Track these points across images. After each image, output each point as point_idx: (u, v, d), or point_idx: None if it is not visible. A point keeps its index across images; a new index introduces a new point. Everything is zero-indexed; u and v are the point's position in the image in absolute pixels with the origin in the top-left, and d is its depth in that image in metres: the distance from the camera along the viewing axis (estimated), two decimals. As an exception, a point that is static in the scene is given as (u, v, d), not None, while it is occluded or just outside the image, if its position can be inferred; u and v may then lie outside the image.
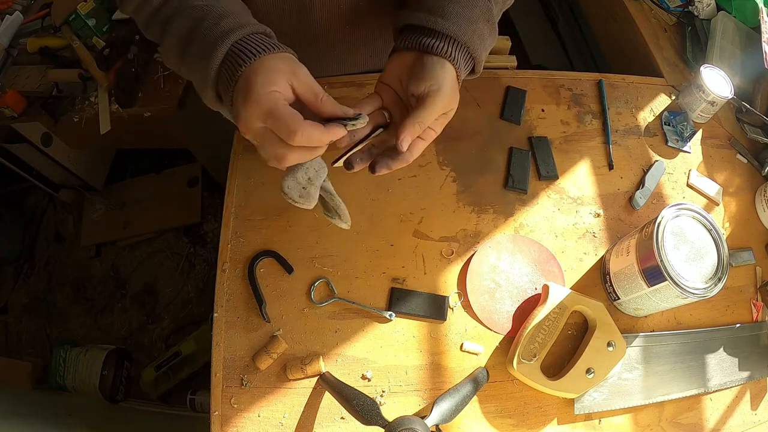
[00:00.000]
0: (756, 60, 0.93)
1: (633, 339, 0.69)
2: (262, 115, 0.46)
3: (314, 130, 0.46)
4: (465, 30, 0.54)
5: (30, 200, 1.81)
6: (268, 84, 0.46)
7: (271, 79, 0.46)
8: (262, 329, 0.66)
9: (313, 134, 0.45)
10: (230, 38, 0.49)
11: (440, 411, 0.57)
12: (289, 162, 0.47)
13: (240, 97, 0.47)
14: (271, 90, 0.46)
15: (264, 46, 0.49)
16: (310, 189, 0.52)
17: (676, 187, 0.83)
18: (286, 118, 0.45)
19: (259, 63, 0.48)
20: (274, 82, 0.46)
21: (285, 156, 0.47)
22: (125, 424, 1.40)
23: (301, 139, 0.45)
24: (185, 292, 1.64)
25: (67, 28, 1.27)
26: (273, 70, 0.47)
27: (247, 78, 0.47)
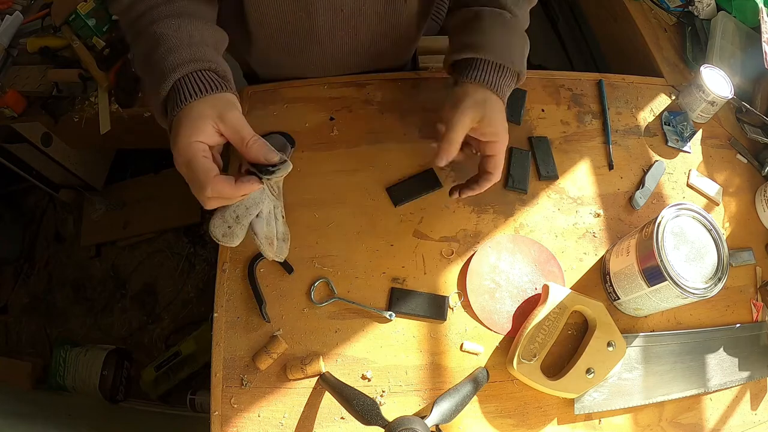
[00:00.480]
0: (756, 60, 0.93)
1: (633, 339, 0.69)
2: (183, 164, 0.49)
3: (224, 186, 0.48)
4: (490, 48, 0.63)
5: (30, 200, 1.81)
6: (191, 134, 0.49)
7: (195, 128, 0.49)
8: (262, 329, 0.66)
9: (223, 190, 0.48)
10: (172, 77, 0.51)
11: (440, 411, 0.57)
12: (210, 207, 0.50)
13: (171, 139, 0.50)
14: (192, 141, 0.49)
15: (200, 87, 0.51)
16: (235, 228, 0.53)
17: (676, 187, 0.83)
18: (198, 173, 0.48)
19: (187, 110, 0.50)
20: (197, 131, 0.49)
21: (204, 202, 0.49)
22: (125, 424, 1.40)
23: (210, 194, 0.48)
24: (185, 292, 1.64)
25: (67, 28, 1.27)
26: (199, 117, 0.49)
27: (177, 123, 0.50)
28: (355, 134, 0.79)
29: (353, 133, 0.79)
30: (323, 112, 0.80)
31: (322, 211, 0.73)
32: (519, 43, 0.65)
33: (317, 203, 0.74)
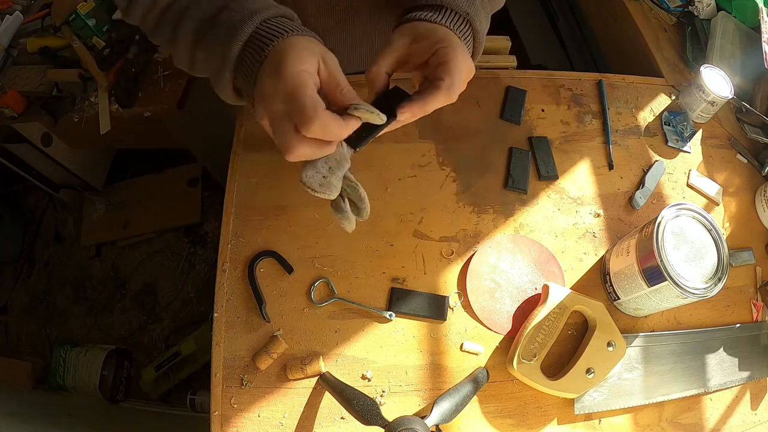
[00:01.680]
0: (756, 60, 0.93)
1: (633, 339, 0.69)
2: (286, 95, 0.43)
3: (333, 121, 0.43)
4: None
5: (30, 200, 1.81)
6: (300, 62, 0.44)
7: (303, 57, 0.44)
8: (262, 329, 0.66)
9: (331, 125, 0.43)
10: (257, 17, 0.46)
11: (440, 411, 0.57)
12: (295, 156, 0.44)
13: (268, 72, 0.45)
14: (302, 69, 0.43)
15: (293, 28, 0.47)
16: (331, 179, 0.49)
17: (676, 187, 0.83)
18: (306, 105, 0.42)
19: (291, 41, 0.45)
20: (306, 61, 0.44)
21: (293, 149, 0.44)
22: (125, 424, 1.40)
23: (317, 130, 0.42)
24: (185, 292, 1.64)
25: (67, 28, 1.26)
26: (305, 48, 0.45)
27: (279, 53, 0.44)
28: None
29: (353, 133, 0.79)
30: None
31: (322, 211, 0.73)
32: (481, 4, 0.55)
33: (317, 203, 0.74)
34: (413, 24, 0.51)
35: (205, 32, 0.49)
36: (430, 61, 0.49)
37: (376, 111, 0.45)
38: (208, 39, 0.49)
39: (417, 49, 0.50)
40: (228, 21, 0.47)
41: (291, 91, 0.43)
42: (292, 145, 0.43)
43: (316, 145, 0.44)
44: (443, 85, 0.47)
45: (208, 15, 0.49)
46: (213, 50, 0.49)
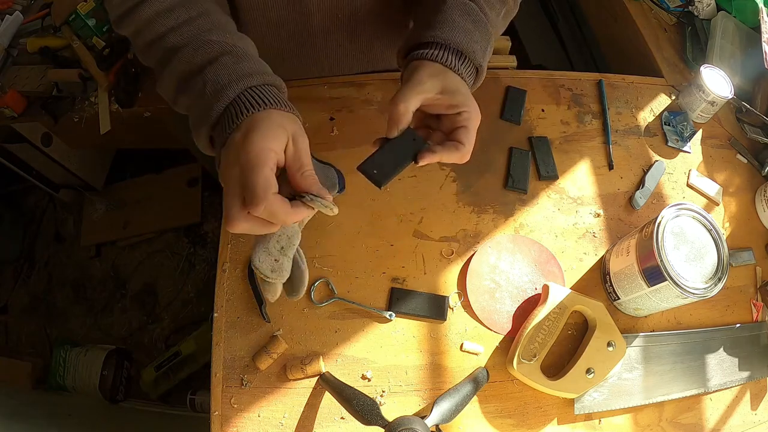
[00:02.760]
0: (756, 60, 0.93)
1: (633, 339, 0.69)
2: (243, 169, 0.43)
3: (280, 207, 0.43)
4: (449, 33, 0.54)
5: (30, 200, 1.81)
6: (267, 138, 0.44)
7: (272, 134, 0.44)
8: (262, 329, 0.66)
9: (278, 210, 0.43)
10: (244, 83, 0.47)
11: (440, 411, 0.57)
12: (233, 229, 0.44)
13: (236, 141, 0.45)
14: (267, 146, 0.44)
15: (276, 100, 0.47)
16: (282, 261, 0.48)
17: (676, 187, 0.83)
18: (258, 186, 0.42)
19: (266, 114, 0.46)
20: (274, 138, 0.44)
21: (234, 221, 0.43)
22: (125, 424, 1.40)
23: (262, 212, 0.42)
24: (185, 292, 1.64)
25: (67, 28, 1.27)
26: (279, 125, 0.45)
27: (251, 124, 0.45)
28: (355, 134, 0.79)
29: (353, 133, 0.79)
30: (323, 112, 0.80)
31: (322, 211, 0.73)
32: (482, 39, 0.58)
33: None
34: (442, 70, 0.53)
35: (191, 81, 0.49)
36: (452, 119, 0.53)
37: (330, 205, 0.46)
38: (192, 89, 0.49)
39: (443, 102, 0.52)
40: (215, 80, 0.47)
41: (248, 167, 0.43)
42: (234, 218, 0.43)
43: (259, 223, 0.44)
44: (463, 149, 0.52)
45: (196, 64, 0.49)
46: (196, 102, 0.49)
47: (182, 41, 0.50)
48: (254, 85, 0.47)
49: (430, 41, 0.54)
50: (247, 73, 0.48)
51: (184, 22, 0.51)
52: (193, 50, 0.49)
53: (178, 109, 0.53)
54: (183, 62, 0.50)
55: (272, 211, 0.43)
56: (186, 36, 0.50)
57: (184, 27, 0.51)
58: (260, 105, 0.46)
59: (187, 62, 0.49)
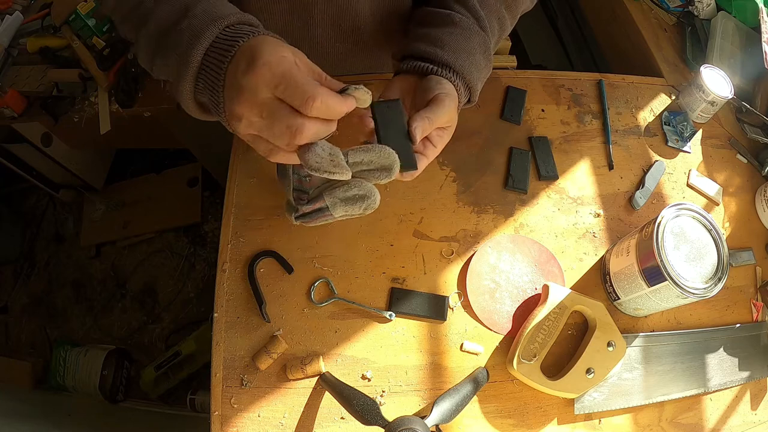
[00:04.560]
0: (756, 60, 0.93)
1: (633, 339, 0.69)
2: (273, 80, 0.40)
3: (333, 97, 0.41)
4: (463, 61, 0.56)
5: (30, 200, 1.81)
6: (277, 50, 0.41)
7: (279, 47, 0.42)
8: (262, 329, 0.66)
9: (332, 101, 0.41)
10: (221, 23, 0.44)
11: (440, 411, 0.57)
12: (305, 136, 0.41)
13: (241, 69, 0.42)
14: (282, 55, 0.41)
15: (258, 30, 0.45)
16: (337, 159, 0.45)
17: (676, 187, 0.83)
18: (303, 82, 0.40)
19: (259, 38, 0.43)
20: (284, 50, 0.42)
21: (301, 128, 0.41)
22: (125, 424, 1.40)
23: (320, 106, 0.40)
24: (185, 292, 1.64)
25: (67, 28, 1.26)
26: (277, 43, 0.43)
27: (250, 49, 0.42)
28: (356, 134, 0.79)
29: (353, 133, 0.79)
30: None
31: (322, 211, 0.73)
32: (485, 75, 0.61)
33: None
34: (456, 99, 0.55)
35: (167, 38, 0.47)
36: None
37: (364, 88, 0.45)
38: (168, 44, 0.47)
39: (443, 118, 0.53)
40: (189, 27, 0.45)
41: (280, 74, 0.40)
42: (301, 125, 0.41)
43: (321, 124, 0.42)
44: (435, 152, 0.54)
45: (171, 20, 0.47)
46: (171, 56, 0.46)
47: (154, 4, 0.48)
48: (232, 23, 0.45)
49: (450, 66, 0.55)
50: (223, 14, 0.45)
51: None
52: (169, 6, 0.47)
53: (158, 75, 0.51)
54: (156, 19, 0.47)
55: (327, 103, 0.40)
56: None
57: None
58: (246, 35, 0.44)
59: (161, 20, 0.47)
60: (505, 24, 0.64)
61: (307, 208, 0.56)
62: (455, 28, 0.57)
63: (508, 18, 0.64)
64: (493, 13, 0.61)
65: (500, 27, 0.63)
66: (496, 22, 0.62)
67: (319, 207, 0.55)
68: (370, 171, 0.49)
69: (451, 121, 0.54)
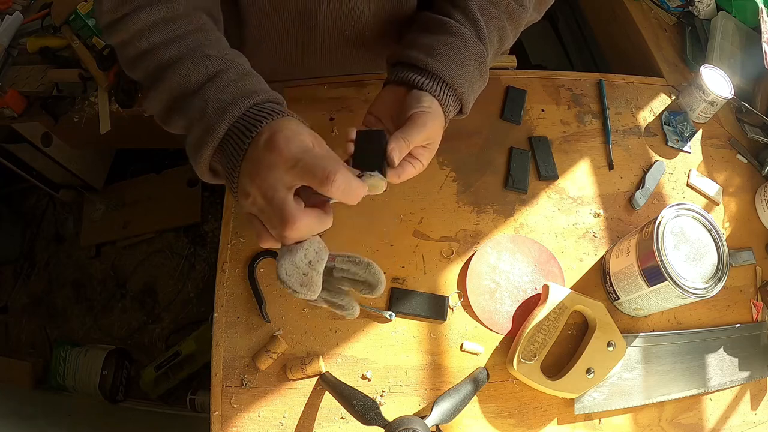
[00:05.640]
0: (756, 60, 0.93)
1: (633, 339, 0.69)
2: (292, 158, 0.40)
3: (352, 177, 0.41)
4: (454, 72, 0.55)
5: (30, 200, 1.81)
6: (299, 132, 0.43)
7: (300, 129, 0.43)
8: (262, 329, 0.66)
9: (352, 180, 0.41)
10: (250, 100, 0.45)
11: (440, 411, 0.57)
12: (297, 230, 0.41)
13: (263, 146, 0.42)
14: (302, 137, 0.42)
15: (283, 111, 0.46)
16: (311, 275, 0.45)
17: (676, 187, 0.83)
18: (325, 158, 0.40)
19: (284, 119, 0.44)
20: (304, 133, 0.43)
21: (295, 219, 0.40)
22: (125, 424, 1.40)
23: (340, 184, 0.39)
24: (185, 292, 1.64)
25: (67, 28, 1.27)
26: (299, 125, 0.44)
27: (273, 128, 0.43)
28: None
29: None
30: (323, 112, 0.80)
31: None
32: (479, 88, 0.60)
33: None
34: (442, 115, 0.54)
35: (189, 99, 0.46)
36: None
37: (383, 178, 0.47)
38: (189, 107, 0.46)
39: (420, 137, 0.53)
40: (216, 97, 0.45)
41: (299, 151, 0.41)
42: (295, 215, 0.40)
43: (317, 216, 0.43)
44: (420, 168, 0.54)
45: (195, 81, 0.46)
46: (195, 122, 0.46)
47: (178, 55, 0.47)
48: (260, 101, 0.46)
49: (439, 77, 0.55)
50: (252, 90, 0.46)
51: (181, 35, 0.48)
52: (192, 65, 0.47)
53: (169, 128, 0.51)
54: (178, 78, 0.47)
55: (348, 181, 0.40)
56: (182, 50, 0.48)
57: (181, 41, 0.48)
58: (270, 115, 0.44)
59: (184, 78, 0.47)
60: (507, 35, 0.63)
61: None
62: (451, 37, 0.57)
63: (510, 29, 0.63)
64: (494, 23, 0.60)
65: (500, 38, 0.62)
66: (496, 33, 0.61)
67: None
68: (355, 282, 0.50)
69: (431, 138, 0.53)
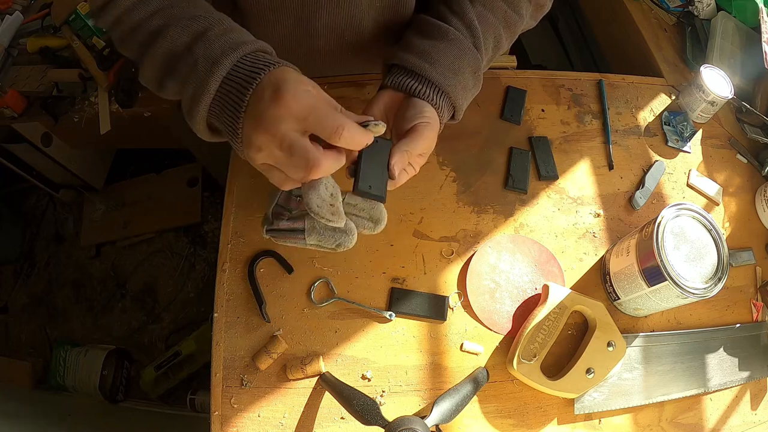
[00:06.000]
0: (756, 60, 0.93)
1: (633, 339, 0.69)
2: (302, 112, 0.42)
3: (358, 129, 0.43)
4: (450, 80, 0.56)
5: (30, 200, 1.81)
6: (302, 83, 0.43)
7: (303, 80, 0.44)
8: (262, 329, 0.66)
9: (357, 133, 0.43)
10: (239, 51, 0.45)
11: (440, 411, 0.57)
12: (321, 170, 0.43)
13: (267, 98, 0.42)
14: (306, 88, 0.43)
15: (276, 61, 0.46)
16: (337, 204, 0.48)
17: (676, 187, 0.83)
18: (332, 113, 0.42)
19: (283, 68, 0.45)
20: (307, 83, 0.44)
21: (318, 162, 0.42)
22: (125, 424, 1.40)
23: (347, 136, 0.42)
24: (185, 292, 1.64)
25: (67, 28, 1.26)
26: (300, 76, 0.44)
27: (276, 80, 0.43)
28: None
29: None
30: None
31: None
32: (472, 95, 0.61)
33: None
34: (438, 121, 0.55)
35: (180, 60, 0.47)
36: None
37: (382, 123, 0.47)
38: (181, 69, 0.47)
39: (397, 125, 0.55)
40: (205, 53, 0.45)
41: (309, 106, 0.42)
42: (317, 159, 0.42)
43: (335, 155, 0.44)
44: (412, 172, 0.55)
45: (183, 42, 0.47)
46: (187, 81, 0.46)
47: (165, 23, 0.48)
48: (249, 51, 0.46)
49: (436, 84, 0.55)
50: (241, 41, 0.46)
51: (168, 5, 0.49)
52: (180, 29, 0.47)
53: (166, 95, 0.51)
54: (168, 41, 0.47)
55: (353, 133, 0.42)
56: (169, 18, 0.48)
57: (168, 10, 0.49)
58: (267, 65, 0.44)
59: (173, 41, 0.47)
60: (501, 43, 0.64)
61: (283, 225, 0.57)
62: (449, 44, 0.58)
63: (505, 36, 0.64)
64: (490, 30, 0.61)
65: (495, 45, 0.63)
66: (492, 41, 0.62)
67: (295, 227, 0.56)
68: (359, 218, 0.54)
69: (429, 148, 0.55)
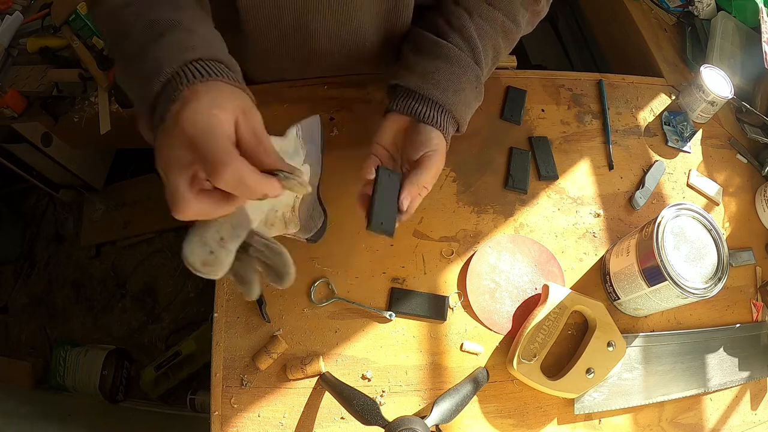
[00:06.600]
0: (756, 60, 0.93)
1: (633, 339, 0.69)
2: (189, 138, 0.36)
3: (251, 173, 0.36)
4: (453, 99, 0.58)
5: (30, 200, 1.81)
6: (213, 105, 0.38)
7: (219, 102, 0.38)
8: (262, 329, 0.66)
9: (248, 177, 0.36)
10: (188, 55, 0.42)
11: (440, 411, 0.57)
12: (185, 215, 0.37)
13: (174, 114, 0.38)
14: (213, 113, 0.37)
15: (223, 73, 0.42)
16: (219, 254, 0.40)
17: (676, 187, 0.83)
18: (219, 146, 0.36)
19: (211, 84, 0.40)
20: (222, 106, 0.38)
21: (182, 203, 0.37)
22: (125, 424, 1.40)
23: (229, 179, 0.35)
24: (185, 292, 1.64)
25: (67, 28, 1.27)
26: (225, 95, 0.40)
27: (193, 94, 0.39)
28: (356, 134, 0.79)
29: (353, 133, 0.79)
30: (323, 112, 0.80)
31: (322, 211, 0.73)
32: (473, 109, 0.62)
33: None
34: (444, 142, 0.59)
35: (135, 64, 0.44)
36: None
37: (305, 183, 0.41)
38: (136, 72, 0.44)
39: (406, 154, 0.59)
40: (154, 57, 0.42)
41: (197, 134, 0.36)
42: (183, 198, 0.37)
43: (216, 200, 0.38)
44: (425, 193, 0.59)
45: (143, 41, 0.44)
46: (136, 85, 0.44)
47: (131, 21, 0.45)
48: (195, 58, 0.42)
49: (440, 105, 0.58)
50: (189, 47, 0.42)
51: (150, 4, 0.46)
52: (139, 30, 0.44)
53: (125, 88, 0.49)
54: (130, 42, 0.45)
55: (240, 177, 0.36)
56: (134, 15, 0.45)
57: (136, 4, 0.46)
58: (203, 77, 0.40)
59: (134, 41, 0.44)
60: (500, 53, 0.65)
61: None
62: (450, 64, 0.59)
63: (503, 46, 0.65)
64: (489, 42, 0.62)
65: (495, 55, 0.64)
66: (491, 51, 0.63)
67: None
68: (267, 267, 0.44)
69: (437, 175, 0.58)
